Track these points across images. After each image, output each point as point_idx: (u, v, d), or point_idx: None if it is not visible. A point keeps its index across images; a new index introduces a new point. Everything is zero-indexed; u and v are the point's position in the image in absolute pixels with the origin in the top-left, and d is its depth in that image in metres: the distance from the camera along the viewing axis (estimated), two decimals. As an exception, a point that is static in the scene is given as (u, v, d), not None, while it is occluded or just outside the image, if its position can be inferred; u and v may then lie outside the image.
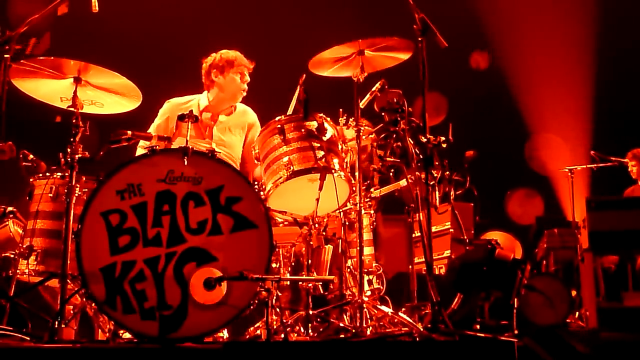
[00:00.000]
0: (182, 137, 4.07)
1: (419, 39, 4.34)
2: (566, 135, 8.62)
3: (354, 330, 3.97)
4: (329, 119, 4.41)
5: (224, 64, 5.23)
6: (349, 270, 4.39)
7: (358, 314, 4.09)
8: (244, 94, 5.24)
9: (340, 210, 4.46)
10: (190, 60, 5.57)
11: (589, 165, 6.97)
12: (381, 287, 4.49)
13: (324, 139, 4.32)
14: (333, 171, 4.26)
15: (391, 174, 4.54)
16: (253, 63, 5.27)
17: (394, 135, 4.45)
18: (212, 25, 7.79)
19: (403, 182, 4.48)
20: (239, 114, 5.35)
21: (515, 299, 4.78)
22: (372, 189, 4.61)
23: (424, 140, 4.37)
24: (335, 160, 4.31)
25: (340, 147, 4.39)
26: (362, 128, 4.33)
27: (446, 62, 5.23)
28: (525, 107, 8.65)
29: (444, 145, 4.57)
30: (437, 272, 5.03)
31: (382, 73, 4.61)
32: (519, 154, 8.84)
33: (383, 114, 4.47)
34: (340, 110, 4.45)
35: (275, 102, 4.80)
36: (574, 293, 5.89)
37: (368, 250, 4.37)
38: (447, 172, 4.94)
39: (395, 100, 4.48)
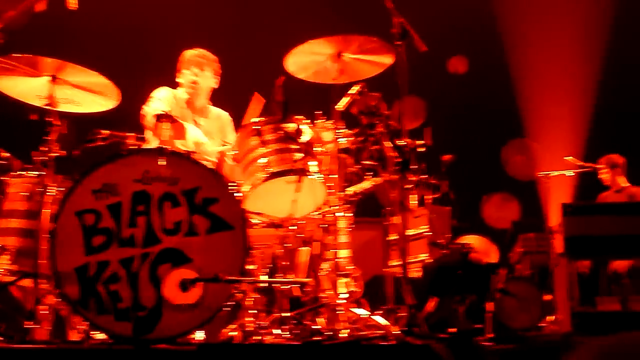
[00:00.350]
0: (163, 138, 4.07)
1: (398, 42, 4.36)
2: (552, 140, 8.67)
3: (329, 333, 3.96)
4: (307, 121, 4.41)
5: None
6: (325, 272, 4.38)
7: (333, 317, 4.09)
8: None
9: (318, 212, 4.46)
10: (169, 58, 5.56)
11: (562, 172, 7.02)
12: (357, 290, 4.47)
13: (302, 141, 4.32)
14: (310, 173, 4.26)
15: (368, 177, 4.54)
16: (213, 58, 5.30)
17: (372, 139, 4.45)
18: (194, 24, 7.77)
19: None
20: (215, 119, 5.37)
21: (490, 303, 4.81)
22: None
23: (402, 144, 4.39)
24: (313, 163, 4.31)
25: (317, 149, 4.38)
26: (340, 131, 4.33)
27: (426, 66, 5.25)
28: (507, 112, 8.68)
29: (422, 149, 4.59)
30: (413, 276, 5.04)
31: (364, 80, 4.63)
32: (497, 159, 8.88)
33: (361, 117, 4.48)
34: (318, 112, 4.45)
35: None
36: (548, 297, 5.93)
37: (345, 253, 4.36)
38: (425, 176, 4.96)
39: (373, 103, 4.49)
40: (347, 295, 4.24)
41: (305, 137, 4.34)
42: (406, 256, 4.50)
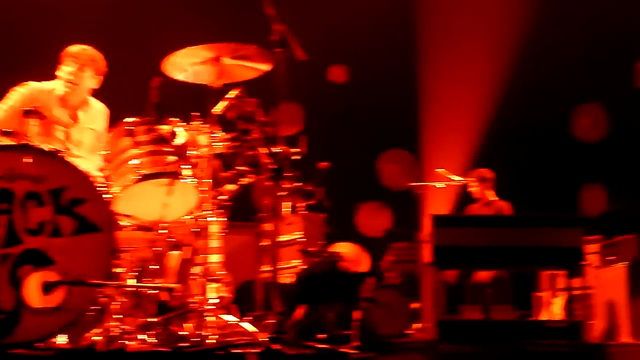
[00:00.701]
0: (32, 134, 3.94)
1: (277, 50, 4.39)
2: (440, 153, 8.90)
3: (196, 339, 3.92)
4: (182, 123, 4.35)
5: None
6: (195, 277, 4.33)
7: (202, 323, 4.06)
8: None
9: (190, 216, 4.41)
10: (49, 49, 5.36)
11: (433, 183, 7.24)
12: (228, 296, 4.45)
13: (176, 143, 4.27)
14: (183, 177, 4.21)
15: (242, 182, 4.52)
16: (98, 57, 5.13)
17: (247, 145, 4.45)
18: (73, 14, 7.57)
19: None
20: (94, 111, 5.21)
21: (358, 311, 4.90)
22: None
23: (277, 150, 4.42)
24: (187, 166, 4.26)
25: (192, 153, 4.33)
26: (216, 135, 4.31)
27: (307, 73, 5.29)
28: (387, 122, 8.84)
29: (297, 157, 4.63)
30: (283, 282, 5.07)
31: (241, 82, 4.62)
32: (373, 168, 9.06)
33: (237, 122, 4.47)
34: (194, 115, 4.41)
35: (125, 102, 4.70)
36: (416, 305, 6.10)
37: (216, 258, 4.33)
38: (299, 183, 4.99)
39: (250, 109, 4.49)
40: (217, 301, 4.21)
41: (180, 139, 4.29)
42: (277, 262, 4.53)
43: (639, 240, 6.55)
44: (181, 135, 4.29)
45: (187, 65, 4.47)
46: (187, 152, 4.31)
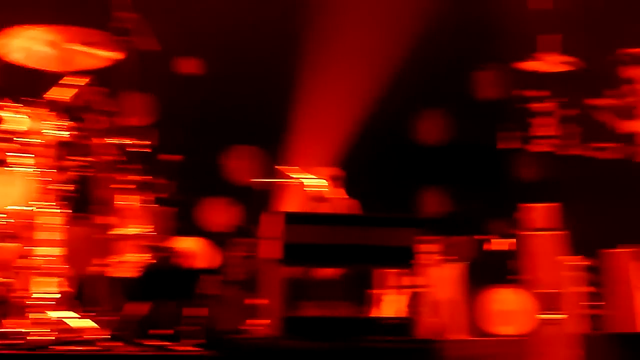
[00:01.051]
0: None
1: (127, 38, 4.30)
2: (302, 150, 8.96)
3: (20, 336, 3.76)
4: (19, 109, 4.16)
5: None
6: (30, 271, 4.15)
7: (36, 320, 3.90)
8: None
9: (25, 207, 4.21)
10: None
11: (281, 180, 7.31)
12: (66, 291, 4.30)
13: (10, 129, 4.08)
14: (15, 165, 4.05)
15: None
16: None
17: (92, 134, 4.33)
18: None
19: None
20: None
21: (199, 307, 4.87)
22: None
23: (124, 142, 4.33)
24: (23, 154, 4.09)
25: (30, 140, 4.14)
26: (57, 123, 4.15)
27: (158, 65, 5.20)
28: (241, 117, 8.81)
29: (146, 149, 4.55)
30: (125, 277, 4.95)
31: (87, 70, 4.49)
32: (223, 163, 9.03)
33: (82, 111, 4.34)
34: (34, 101, 4.22)
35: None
36: (259, 301, 6.10)
37: (53, 251, 4.17)
38: (146, 176, 4.90)
39: (96, 98, 4.38)
40: (55, 296, 4.07)
41: (16, 126, 4.10)
42: (119, 256, 4.44)
43: (477, 241, 6.89)
44: (18, 122, 4.11)
45: (26, 47, 4.28)
46: (25, 139, 4.13)
